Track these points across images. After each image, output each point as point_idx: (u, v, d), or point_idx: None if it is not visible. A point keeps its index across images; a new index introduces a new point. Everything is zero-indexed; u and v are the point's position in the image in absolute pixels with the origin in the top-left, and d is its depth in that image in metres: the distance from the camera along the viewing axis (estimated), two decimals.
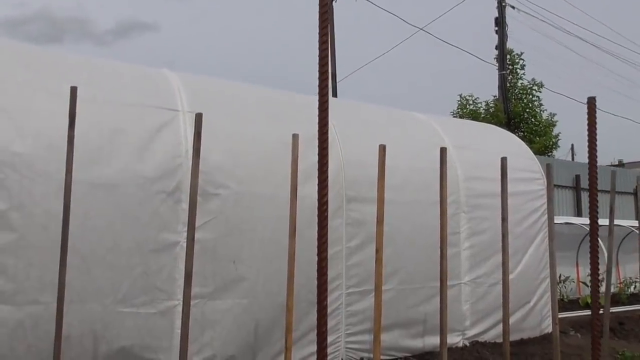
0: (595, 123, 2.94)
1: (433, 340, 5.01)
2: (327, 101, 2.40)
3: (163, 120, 4.14)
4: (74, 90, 2.89)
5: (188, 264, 3.09)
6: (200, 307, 3.95)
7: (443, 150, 3.67)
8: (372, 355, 3.58)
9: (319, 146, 2.43)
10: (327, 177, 2.45)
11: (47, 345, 3.18)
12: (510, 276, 4.19)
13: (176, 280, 3.85)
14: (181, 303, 3.14)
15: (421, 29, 18.66)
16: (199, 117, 3.25)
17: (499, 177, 3.97)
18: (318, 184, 2.39)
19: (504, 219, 3.80)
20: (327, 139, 2.37)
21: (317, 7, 2.64)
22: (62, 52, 4.85)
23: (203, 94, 4.65)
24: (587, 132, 2.93)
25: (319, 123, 2.38)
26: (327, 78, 2.36)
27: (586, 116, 3.20)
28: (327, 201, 2.38)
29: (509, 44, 18.29)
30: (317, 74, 2.43)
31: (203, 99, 4.48)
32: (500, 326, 4.06)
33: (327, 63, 2.30)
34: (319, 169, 2.38)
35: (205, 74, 5.30)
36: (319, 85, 2.39)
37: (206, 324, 4.02)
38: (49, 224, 3.43)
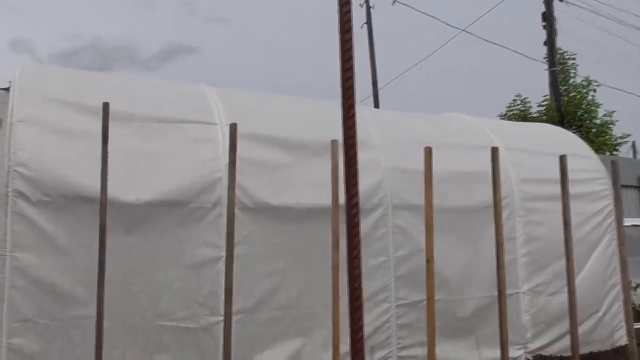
0: None
1: (490, 353, 4.68)
2: (354, 118, 2.22)
3: (201, 135, 4.12)
4: (106, 106, 2.87)
5: (228, 279, 3.00)
6: (242, 322, 3.87)
7: (495, 150, 3.43)
8: None
9: (345, 173, 2.21)
10: (358, 192, 2.22)
11: None
12: None
13: (219, 296, 3.79)
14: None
15: (463, 29, 18.03)
16: (233, 128, 3.17)
17: (556, 177, 3.67)
18: (346, 202, 2.17)
19: (567, 223, 3.49)
20: (355, 151, 2.17)
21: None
22: (102, 74, 4.96)
23: (241, 106, 4.60)
24: None
25: (345, 143, 2.19)
26: (353, 96, 2.20)
27: None
28: (358, 222, 2.18)
29: (559, 40, 17.46)
30: (361, 83, 2.29)
31: (241, 112, 4.43)
32: (566, 339, 3.73)
33: (353, 81, 2.15)
34: (346, 194, 2.17)
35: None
36: (343, 106, 2.21)
37: (248, 339, 3.93)
38: (91, 242, 3.45)
